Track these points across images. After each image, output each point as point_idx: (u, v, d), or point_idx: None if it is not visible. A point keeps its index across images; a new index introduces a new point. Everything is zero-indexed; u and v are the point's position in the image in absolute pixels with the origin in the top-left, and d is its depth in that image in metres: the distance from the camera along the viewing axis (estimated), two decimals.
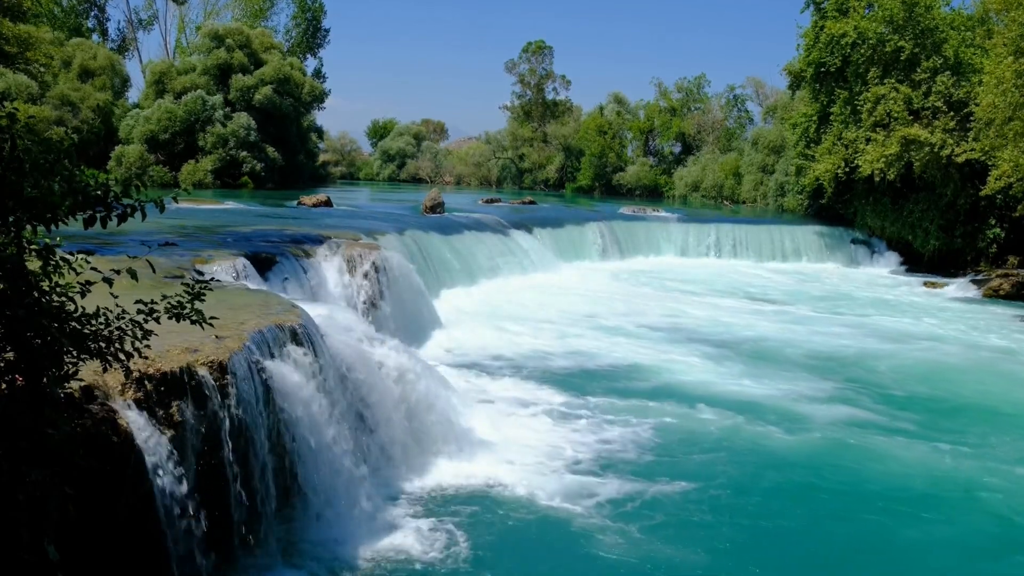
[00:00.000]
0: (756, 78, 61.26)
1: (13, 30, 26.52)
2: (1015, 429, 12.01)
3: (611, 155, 62.38)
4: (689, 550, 7.83)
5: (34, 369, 4.25)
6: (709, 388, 13.47)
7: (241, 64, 47.83)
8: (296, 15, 64.19)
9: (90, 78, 47.14)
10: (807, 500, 9.35)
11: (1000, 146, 23.91)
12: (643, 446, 10.55)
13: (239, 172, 45.59)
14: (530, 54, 68.92)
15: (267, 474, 7.06)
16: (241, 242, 15.08)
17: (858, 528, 8.61)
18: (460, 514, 8.31)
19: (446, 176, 73.86)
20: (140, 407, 5.83)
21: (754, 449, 10.72)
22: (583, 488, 9.07)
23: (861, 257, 32.17)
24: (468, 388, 12.55)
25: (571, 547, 7.88)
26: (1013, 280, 25.88)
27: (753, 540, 8.24)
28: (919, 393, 13.77)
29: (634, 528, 8.18)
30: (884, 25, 29.69)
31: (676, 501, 8.91)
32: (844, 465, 10.28)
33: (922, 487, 9.68)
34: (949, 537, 8.55)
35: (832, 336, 18.28)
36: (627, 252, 30.37)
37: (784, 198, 42.14)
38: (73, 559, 4.71)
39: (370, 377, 9.12)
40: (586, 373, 14.12)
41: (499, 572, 7.38)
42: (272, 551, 7.03)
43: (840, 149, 31.21)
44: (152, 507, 5.73)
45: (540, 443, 10.38)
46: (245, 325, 7.64)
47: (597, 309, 20.00)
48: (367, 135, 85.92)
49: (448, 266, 21.22)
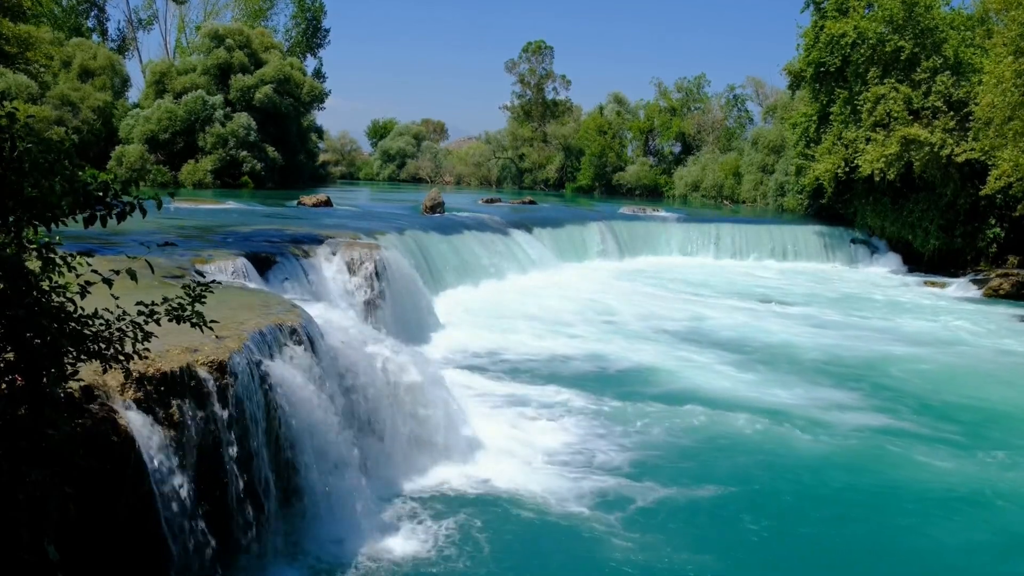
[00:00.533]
0: (756, 78, 61.43)
1: (13, 30, 26.48)
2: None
3: (611, 155, 62.41)
4: (693, 555, 7.78)
5: (34, 369, 4.25)
6: (708, 389, 13.43)
7: (241, 64, 47.82)
8: (296, 15, 64.23)
9: (90, 78, 47.13)
10: (833, 505, 9.18)
11: (1000, 146, 23.90)
12: (648, 448, 10.48)
13: (239, 172, 45.57)
14: (530, 54, 68.97)
15: (267, 474, 7.06)
16: (241, 242, 15.09)
17: (888, 533, 8.49)
18: (459, 515, 8.30)
19: (446, 176, 73.87)
20: (140, 407, 5.83)
21: (782, 453, 10.53)
22: (584, 489, 9.05)
23: (861, 257, 32.15)
24: (468, 388, 12.53)
25: (572, 549, 7.86)
26: (1013, 280, 25.88)
27: (776, 545, 8.11)
28: (944, 398, 13.42)
29: (636, 530, 8.16)
30: (884, 25, 29.68)
31: (678, 505, 8.89)
32: (871, 469, 10.10)
33: (951, 492, 9.51)
34: (981, 542, 8.44)
35: (845, 338, 18.07)
36: (627, 252, 30.35)
37: (784, 198, 42.15)
38: (73, 559, 4.71)
39: (370, 377, 9.12)
40: (588, 374, 14.06)
41: (499, 573, 7.38)
42: (272, 551, 7.03)
43: (840, 149, 31.20)
44: (152, 507, 5.73)
45: (540, 444, 10.37)
46: (245, 325, 7.65)
47: (598, 309, 19.98)
48: (367, 135, 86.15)
49: (448, 266, 21.22)
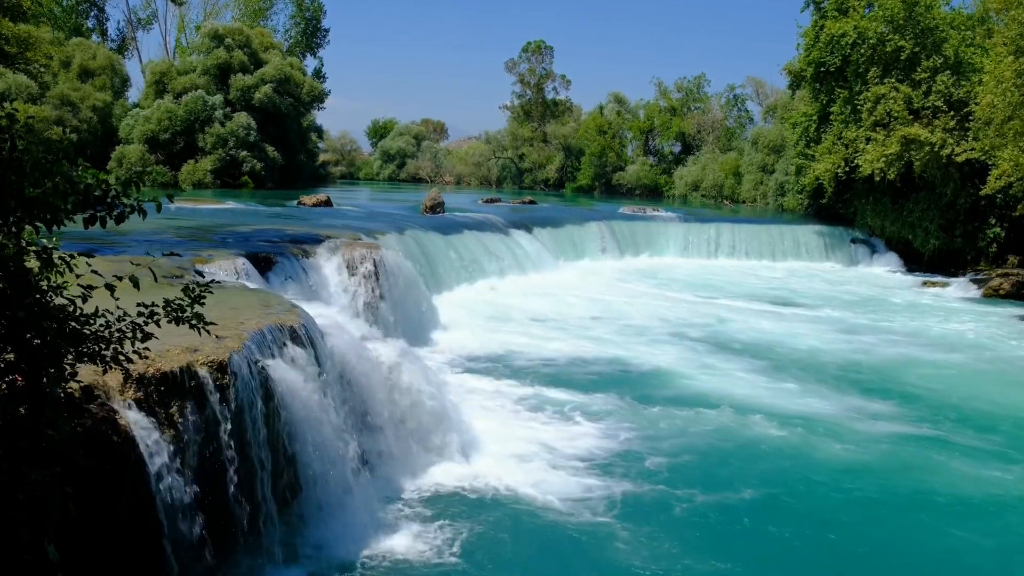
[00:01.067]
0: (756, 77, 61.44)
1: (13, 30, 26.48)
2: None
3: (611, 155, 62.41)
4: (694, 558, 7.77)
5: (34, 369, 4.25)
6: (708, 388, 13.44)
7: (241, 64, 47.81)
8: (295, 15, 64.22)
9: (90, 78, 47.13)
10: (860, 510, 9.06)
11: (1000, 145, 23.89)
12: (654, 450, 10.41)
13: (239, 172, 45.56)
14: (530, 54, 68.97)
15: (267, 474, 7.06)
16: (241, 242, 15.09)
17: (918, 538, 8.46)
18: (459, 515, 8.30)
19: (446, 176, 73.86)
20: (140, 407, 5.83)
21: (802, 458, 10.41)
22: (586, 490, 9.04)
23: (861, 257, 32.15)
24: (468, 388, 12.54)
25: (573, 549, 7.85)
26: (1013, 279, 25.87)
27: (802, 552, 8.07)
28: (964, 403, 13.21)
29: (639, 533, 8.14)
30: (884, 24, 29.68)
31: (676, 505, 8.89)
32: (897, 474, 9.99)
33: (981, 497, 9.41)
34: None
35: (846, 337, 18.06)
36: (628, 252, 30.35)
37: (784, 198, 42.13)
38: (73, 559, 4.71)
39: (370, 377, 9.13)
40: (589, 374, 14.05)
41: (499, 573, 7.37)
42: (272, 551, 7.02)
43: (840, 149, 31.19)
44: (152, 507, 5.73)
45: (540, 444, 10.36)
46: (245, 325, 7.65)
47: (599, 310, 19.97)
48: (367, 135, 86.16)
49: (448, 266, 21.22)
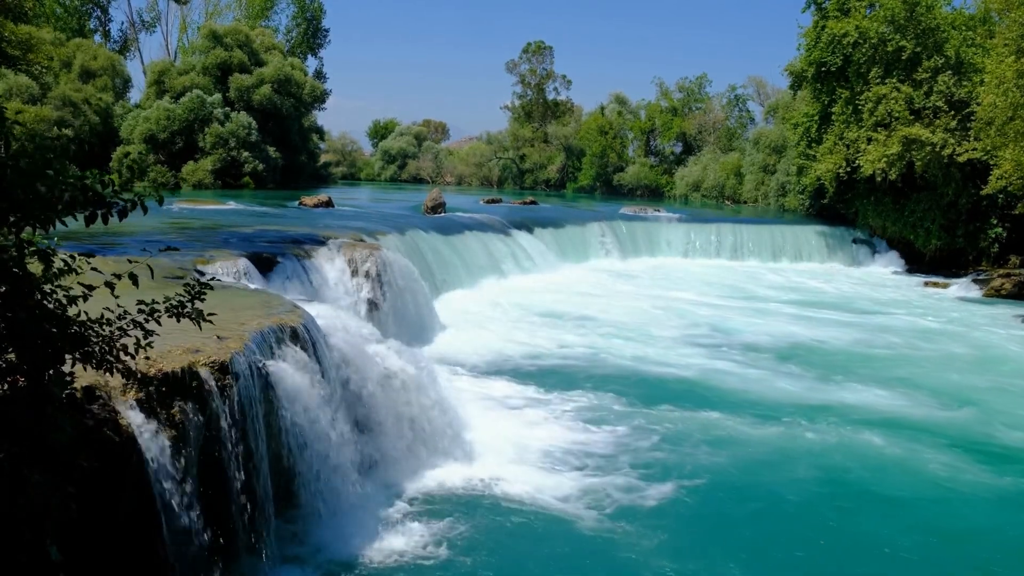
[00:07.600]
0: (757, 77, 61.52)
1: (15, 31, 26.48)
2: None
3: (612, 155, 62.41)
4: (694, 558, 7.77)
5: (36, 370, 4.24)
6: (706, 389, 13.43)
7: (241, 63, 47.78)
8: (296, 15, 64.25)
9: (91, 79, 47.10)
10: (884, 505, 9.07)
11: (1001, 145, 23.87)
12: (656, 451, 10.44)
13: (240, 172, 45.54)
14: (530, 54, 68.98)
15: (268, 474, 7.06)
16: (243, 242, 15.07)
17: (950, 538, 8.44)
18: (459, 516, 8.29)
19: (447, 176, 73.85)
20: (141, 407, 5.83)
21: (803, 457, 10.38)
22: (587, 491, 9.04)
23: (863, 257, 32.14)
24: (469, 389, 12.52)
25: (574, 551, 7.84)
26: (1015, 279, 25.84)
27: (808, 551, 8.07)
28: (965, 403, 13.12)
29: (639, 533, 8.14)
30: (885, 25, 29.67)
31: (679, 506, 8.89)
32: (916, 475, 9.97)
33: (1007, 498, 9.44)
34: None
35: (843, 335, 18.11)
36: (629, 252, 30.34)
37: (785, 198, 42.12)
38: (74, 559, 4.70)
39: (371, 378, 9.12)
40: (590, 375, 14.03)
41: (500, 574, 7.37)
42: (272, 551, 7.03)
43: (841, 149, 31.18)
44: (153, 507, 5.73)
45: (541, 444, 10.36)
46: (246, 325, 7.64)
47: (600, 310, 19.97)
48: (368, 135, 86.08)
49: (449, 267, 21.20)
